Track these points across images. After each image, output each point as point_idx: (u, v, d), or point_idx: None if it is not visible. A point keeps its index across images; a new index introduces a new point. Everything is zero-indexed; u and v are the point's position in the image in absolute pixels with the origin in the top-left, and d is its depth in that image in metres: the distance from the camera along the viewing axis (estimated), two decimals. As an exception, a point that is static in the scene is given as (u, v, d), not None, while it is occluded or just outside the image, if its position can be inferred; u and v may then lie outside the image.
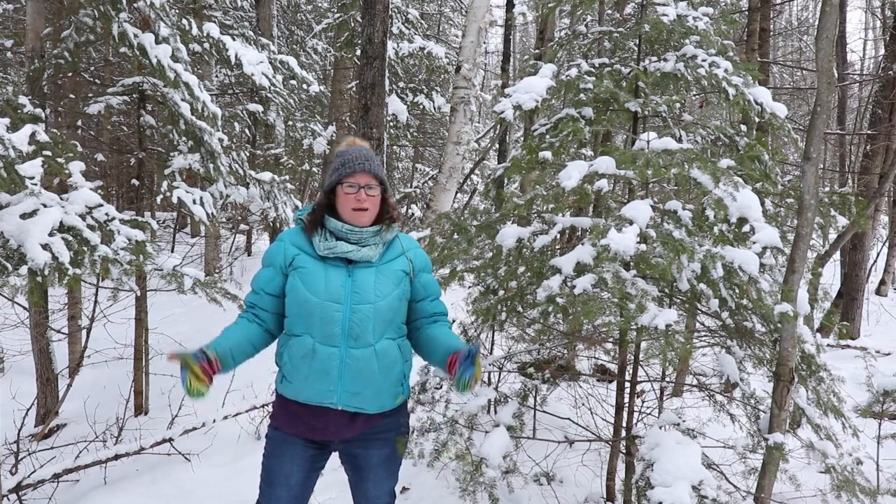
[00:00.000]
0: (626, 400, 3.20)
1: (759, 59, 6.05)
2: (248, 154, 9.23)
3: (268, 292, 2.17)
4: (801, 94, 14.35)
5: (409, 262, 2.22)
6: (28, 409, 4.39)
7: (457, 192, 7.58)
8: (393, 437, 2.27)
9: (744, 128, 3.60)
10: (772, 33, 9.24)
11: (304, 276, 2.09)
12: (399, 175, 16.08)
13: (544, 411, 3.72)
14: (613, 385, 3.95)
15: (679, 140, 3.54)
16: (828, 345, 7.15)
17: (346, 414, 2.12)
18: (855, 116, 12.46)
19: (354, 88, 10.44)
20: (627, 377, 3.18)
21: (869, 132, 8.14)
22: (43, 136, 3.35)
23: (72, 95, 6.23)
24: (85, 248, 3.19)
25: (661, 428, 2.75)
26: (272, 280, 2.16)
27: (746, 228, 2.58)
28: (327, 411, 2.11)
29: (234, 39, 6.59)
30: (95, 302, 4.78)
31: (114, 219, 3.56)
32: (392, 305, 2.14)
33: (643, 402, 4.00)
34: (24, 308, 5.06)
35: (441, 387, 3.15)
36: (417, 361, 2.45)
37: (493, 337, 4.69)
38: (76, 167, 3.55)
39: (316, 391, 2.08)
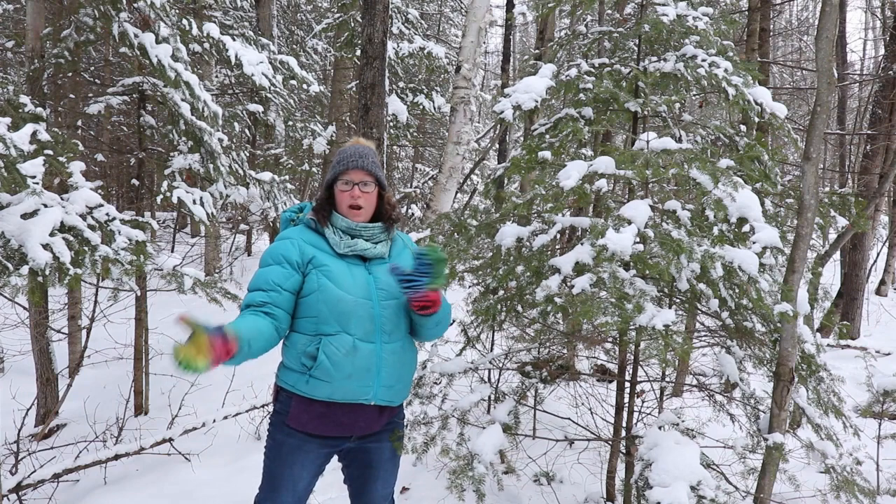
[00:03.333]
0: (626, 400, 3.20)
1: (759, 59, 6.04)
2: (248, 154, 9.23)
3: (286, 289, 2.06)
4: (801, 94, 14.35)
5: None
6: (28, 409, 4.38)
7: (457, 192, 7.58)
8: (398, 428, 2.31)
9: (744, 128, 3.60)
10: (772, 33, 9.24)
11: (331, 275, 2.07)
12: (399, 175, 16.09)
13: (544, 411, 3.73)
14: (613, 385, 3.95)
15: (679, 140, 3.54)
16: (828, 345, 7.15)
17: (378, 408, 2.15)
18: (855, 116, 12.45)
19: (354, 88, 10.45)
20: (627, 377, 3.18)
21: (869, 132, 8.13)
22: (44, 135, 3.36)
23: (72, 95, 6.23)
24: (86, 248, 3.19)
25: (660, 428, 2.75)
26: (290, 278, 2.07)
27: (746, 228, 2.58)
28: (360, 407, 2.11)
29: (234, 39, 6.59)
30: (95, 302, 4.78)
31: (114, 219, 3.56)
32: None
33: (643, 402, 4.00)
34: (25, 308, 5.06)
35: (440, 381, 3.16)
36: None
37: (492, 337, 4.69)
38: (77, 167, 3.56)
39: (356, 388, 2.07)
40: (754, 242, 2.53)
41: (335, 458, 2.32)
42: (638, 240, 2.49)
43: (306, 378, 2.06)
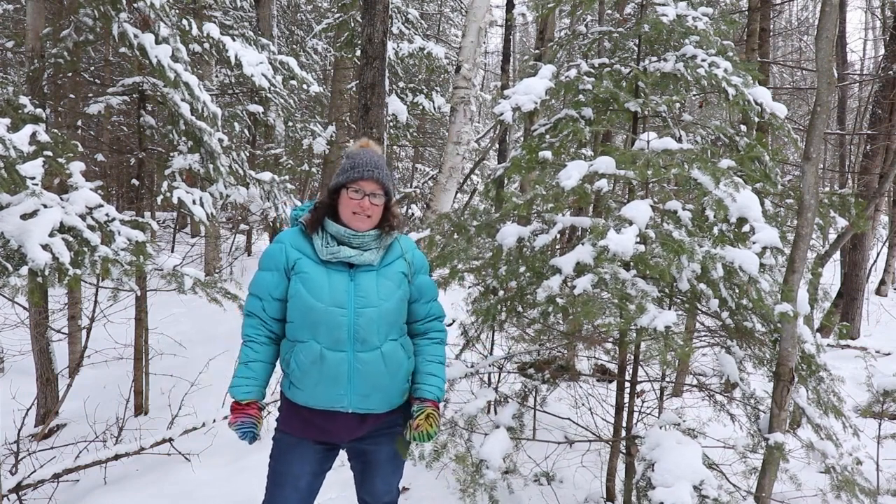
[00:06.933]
0: (626, 400, 3.20)
1: (759, 59, 6.04)
2: (248, 154, 9.22)
3: (276, 297, 2.13)
4: (801, 94, 14.35)
5: (407, 264, 2.21)
6: (28, 409, 4.38)
7: (457, 192, 7.58)
8: (400, 432, 2.28)
9: (744, 128, 3.60)
10: (772, 33, 9.23)
11: (306, 282, 2.07)
12: (399, 175, 16.10)
13: (544, 411, 3.72)
14: (613, 385, 3.95)
15: (679, 140, 3.54)
16: (828, 345, 7.15)
17: (357, 416, 2.13)
18: (855, 116, 12.45)
19: (354, 88, 10.44)
20: (627, 377, 3.18)
21: (869, 132, 8.13)
22: (44, 136, 3.35)
23: (72, 95, 6.23)
24: (85, 249, 3.19)
25: (661, 428, 2.75)
26: (278, 285, 2.13)
27: (746, 228, 2.58)
28: (338, 415, 2.11)
29: (234, 40, 6.58)
30: (95, 302, 4.78)
31: (114, 219, 3.56)
32: (396, 307, 2.15)
33: (643, 402, 4.00)
34: (24, 308, 5.06)
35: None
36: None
37: (493, 337, 4.69)
38: (76, 167, 3.55)
39: (327, 396, 2.07)
40: (754, 242, 2.53)
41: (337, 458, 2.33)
42: (639, 240, 2.48)
43: (288, 383, 2.14)
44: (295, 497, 2.16)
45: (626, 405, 3.20)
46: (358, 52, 7.73)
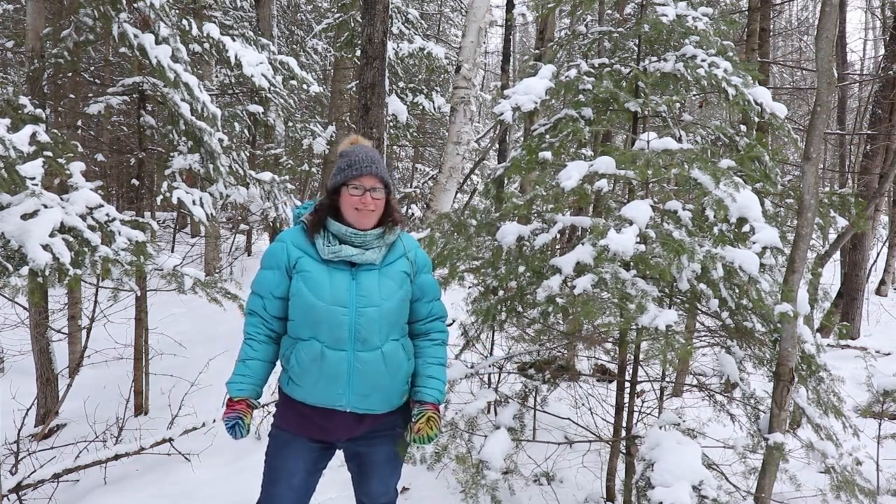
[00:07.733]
0: (626, 400, 3.20)
1: (759, 59, 6.05)
2: (248, 154, 9.22)
3: (277, 296, 2.15)
4: (801, 94, 14.35)
5: (410, 263, 2.21)
6: (28, 409, 4.38)
7: (457, 192, 7.58)
8: (398, 433, 2.28)
9: (744, 128, 3.61)
10: (772, 33, 9.23)
11: (308, 281, 2.08)
12: (399, 175, 16.10)
13: (545, 411, 3.72)
14: (613, 385, 3.96)
15: (679, 140, 3.54)
16: (828, 345, 7.15)
17: (355, 415, 2.13)
18: (855, 116, 12.45)
19: (354, 88, 10.44)
20: (627, 377, 3.18)
21: (869, 132, 8.14)
22: (43, 137, 3.35)
23: (72, 95, 6.23)
24: (85, 249, 3.19)
25: (661, 428, 2.75)
26: (280, 283, 2.14)
27: (746, 228, 2.58)
28: (336, 413, 2.11)
29: (234, 40, 6.58)
30: (95, 302, 4.78)
31: (114, 219, 3.56)
32: (397, 307, 2.15)
33: (643, 402, 4.00)
34: (25, 308, 5.06)
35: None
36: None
37: (493, 337, 4.69)
38: (76, 167, 3.55)
39: (326, 395, 2.08)
40: (754, 242, 2.53)
41: (335, 457, 2.33)
42: (639, 240, 2.49)
43: (287, 379, 2.15)
44: (290, 495, 2.16)
45: (626, 405, 3.20)
46: (358, 52, 7.73)
